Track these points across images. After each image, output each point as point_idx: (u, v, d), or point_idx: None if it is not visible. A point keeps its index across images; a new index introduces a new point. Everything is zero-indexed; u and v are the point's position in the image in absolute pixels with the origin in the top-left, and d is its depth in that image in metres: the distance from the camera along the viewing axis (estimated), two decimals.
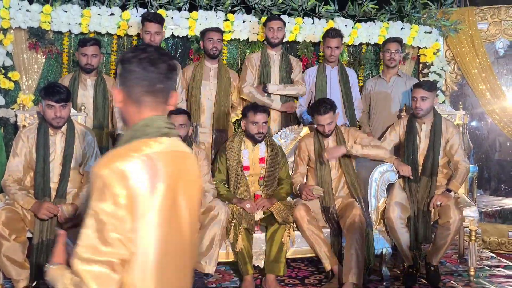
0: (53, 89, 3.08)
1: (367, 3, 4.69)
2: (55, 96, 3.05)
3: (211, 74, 4.07)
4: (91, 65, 3.78)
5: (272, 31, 4.11)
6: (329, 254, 3.33)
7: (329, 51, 4.16)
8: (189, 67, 4.16)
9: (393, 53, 4.23)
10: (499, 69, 4.97)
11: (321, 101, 3.58)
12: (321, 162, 3.55)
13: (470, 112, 5.02)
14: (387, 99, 4.27)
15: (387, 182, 3.57)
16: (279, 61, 4.20)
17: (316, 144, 3.61)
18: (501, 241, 4.68)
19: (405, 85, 4.26)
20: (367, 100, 4.41)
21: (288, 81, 4.20)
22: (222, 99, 4.04)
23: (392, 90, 4.28)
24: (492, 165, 5.53)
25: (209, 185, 3.41)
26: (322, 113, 3.48)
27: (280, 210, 3.34)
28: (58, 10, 4.08)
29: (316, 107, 3.52)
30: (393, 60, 4.24)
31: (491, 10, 4.90)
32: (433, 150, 3.59)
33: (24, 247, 3.01)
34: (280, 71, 4.18)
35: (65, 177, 3.16)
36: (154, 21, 3.83)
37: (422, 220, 3.46)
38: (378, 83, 4.35)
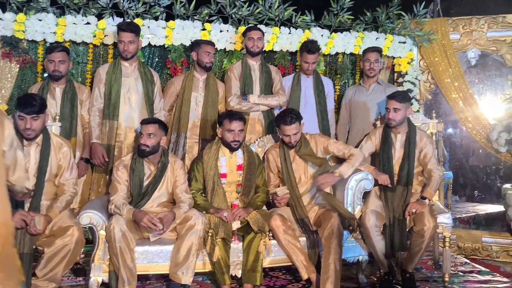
0: (26, 101, 3.06)
1: (343, 13, 4.77)
2: (26, 108, 3.03)
3: (200, 85, 4.08)
4: (59, 72, 3.73)
5: (252, 40, 4.13)
6: (305, 263, 3.34)
7: (306, 66, 4.21)
8: (179, 78, 4.14)
9: (372, 63, 4.29)
10: (471, 78, 5.09)
11: (287, 111, 3.59)
12: (289, 174, 3.58)
13: (444, 120, 5.12)
14: (366, 107, 4.32)
15: (363, 190, 3.61)
16: (259, 71, 4.22)
17: (282, 156, 3.63)
18: (475, 246, 4.78)
19: (384, 93, 4.27)
20: (347, 109, 4.44)
21: (269, 90, 4.22)
22: (210, 110, 4.04)
23: (372, 98, 4.32)
24: (467, 172, 5.64)
25: (185, 194, 3.40)
26: (289, 123, 3.49)
27: (256, 219, 3.34)
28: (33, 18, 4.03)
29: (282, 118, 3.53)
30: (373, 70, 4.29)
31: (462, 21, 5.02)
32: (408, 159, 3.65)
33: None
34: (260, 81, 4.20)
35: (39, 190, 3.12)
36: (127, 30, 3.83)
37: (398, 228, 3.50)
38: (358, 90, 4.40)
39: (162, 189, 3.39)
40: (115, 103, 3.84)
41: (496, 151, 4.68)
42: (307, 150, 3.59)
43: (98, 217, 3.12)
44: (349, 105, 4.42)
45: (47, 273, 2.97)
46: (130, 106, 3.90)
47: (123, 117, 3.88)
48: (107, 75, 3.87)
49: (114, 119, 3.84)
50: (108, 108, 3.84)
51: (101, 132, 3.85)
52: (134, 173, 3.31)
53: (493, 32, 4.94)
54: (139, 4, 4.33)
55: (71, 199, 3.25)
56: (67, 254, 3.00)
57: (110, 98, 3.84)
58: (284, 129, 3.53)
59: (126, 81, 3.89)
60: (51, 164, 3.20)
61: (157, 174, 3.36)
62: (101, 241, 3.13)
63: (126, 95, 3.89)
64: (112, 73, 3.87)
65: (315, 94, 4.26)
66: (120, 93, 3.86)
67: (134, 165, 3.33)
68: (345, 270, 3.74)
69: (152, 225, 3.08)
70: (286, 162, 3.60)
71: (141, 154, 3.34)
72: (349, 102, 4.41)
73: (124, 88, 3.88)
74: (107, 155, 3.84)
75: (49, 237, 3.04)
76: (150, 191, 3.33)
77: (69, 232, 3.02)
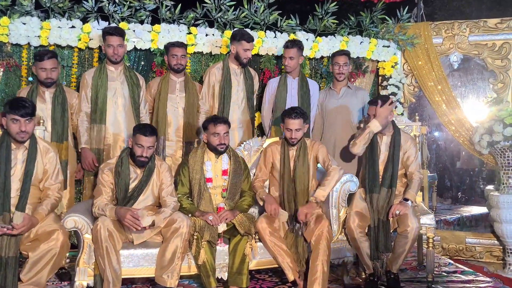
0: (18, 104, 3.05)
1: (327, 18, 4.83)
2: (20, 110, 3.02)
3: (177, 87, 4.08)
4: (52, 79, 3.71)
5: (247, 51, 4.11)
6: (291, 265, 3.36)
7: (286, 61, 4.24)
8: (155, 80, 4.17)
9: (341, 66, 4.28)
10: (454, 82, 5.18)
11: (294, 107, 3.71)
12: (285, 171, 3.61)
13: (428, 123, 5.21)
14: (338, 110, 4.32)
15: (347, 192, 3.64)
16: (242, 75, 4.23)
17: (282, 154, 3.66)
18: (459, 247, 4.84)
19: (355, 97, 4.32)
20: (320, 113, 4.43)
21: (250, 95, 4.25)
22: (191, 113, 4.07)
23: (343, 101, 4.32)
24: (451, 174, 5.72)
25: (170, 198, 3.40)
26: (293, 117, 3.57)
27: (242, 222, 3.35)
28: (17, 22, 4.02)
29: (288, 112, 3.63)
30: (342, 74, 4.29)
31: (445, 25, 5.11)
32: (393, 161, 3.68)
33: None
34: (243, 85, 4.22)
35: (25, 193, 3.10)
36: (115, 34, 3.83)
37: (382, 230, 3.53)
38: (329, 94, 4.41)
39: (147, 193, 3.39)
40: (102, 108, 3.84)
41: (479, 153, 4.76)
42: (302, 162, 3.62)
43: (83, 220, 3.11)
44: (320, 109, 4.43)
45: (31, 277, 2.95)
46: (116, 110, 3.89)
47: (110, 121, 3.88)
48: (93, 79, 3.86)
49: (101, 123, 3.84)
50: (95, 112, 3.84)
51: (89, 137, 3.85)
52: (120, 176, 3.30)
53: (475, 36, 5.03)
54: (125, 8, 4.34)
55: (56, 203, 3.23)
56: (52, 258, 2.98)
57: (97, 102, 3.84)
58: (288, 122, 3.58)
59: (112, 85, 3.89)
60: (37, 168, 3.18)
61: (143, 178, 3.36)
62: (86, 245, 3.12)
63: (112, 99, 3.89)
64: (98, 78, 3.86)
65: (299, 95, 4.29)
66: (107, 97, 3.86)
67: (120, 168, 3.32)
68: (330, 271, 3.76)
69: (135, 222, 3.07)
70: (285, 160, 3.63)
71: (140, 164, 3.34)
72: (321, 105, 4.42)
73: (111, 92, 3.88)
74: (97, 159, 3.84)
75: (33, 241, 3.02)
76: (135, 195, 3.32)
77: (54, 236, 3.00)
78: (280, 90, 4.28)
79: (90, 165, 3.81)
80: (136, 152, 3.30)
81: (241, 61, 4.15)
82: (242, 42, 4.08)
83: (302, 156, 3.63)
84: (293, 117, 3.57)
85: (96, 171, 3.80)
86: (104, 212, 3.16)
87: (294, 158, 3.65)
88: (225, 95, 4.12)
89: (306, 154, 3.65)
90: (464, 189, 5.79)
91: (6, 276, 2.91)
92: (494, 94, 4.92)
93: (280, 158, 3.67)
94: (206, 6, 4.55)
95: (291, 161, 3.66)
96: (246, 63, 4.17)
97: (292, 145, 3.64)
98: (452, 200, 6.11)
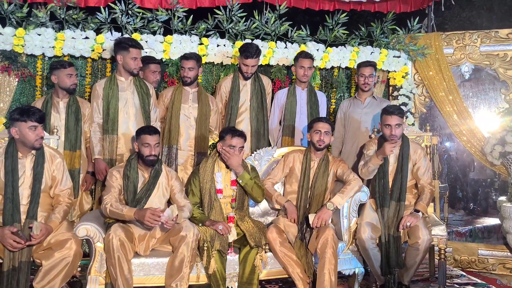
0: (31, 111, 3.09)
1: (338, 28, 4.85)
2: (36, 117, 3.06)
3: (190, 97, 4.12)
4: (76, 85, 3.89)
5: (246, 67, 4.16)
6: (302, 275, 3.35)
7: (302, 71, 4.26)
8: (168, 90, 4.21)
9: (367, 78, 4.31)
10: (465, 92, 5.15)
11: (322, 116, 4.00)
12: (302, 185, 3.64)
13: (439, 133, 5.18)
14: (361, 120, 4.34)
15: (358, 202, 3.63)
16: (251, 85, 4.26)
17: (304, 163, 3.69)
18: (472, 259, 4.79)
19: (379, 108, 4.29)
20: (342, 122, 4.44)
21: (260, 103, 4.26)
22: (203, 123, 4.10)
23: (367, 112, 4.35)
24: (463, 184, 5.67)
25: (184, 200, 3.45)
26: (324, 121, 3.69)
27: (253, 234, 3.35)
28: (32, 33, 4.09)
29: (318, 118, 3.82)
30: (367, 84, 4.32)
31: (456, 36, 5.10)
32: (401, 173, 3.65)
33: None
34: (252, 94, 4.25)
35: (35, 198, 3.12)
36: (138, 46, 3.90)
37: (393, 246, 3.48)
38: (353, 103, 4.42)
39: (155, 197, 3.41)
40: (113, 118, 3.87)
41: (491, 164, 4.72)
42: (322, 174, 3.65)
43: (95, 229, 3.13)
44: (343, 118, 4.44)
45: (44, 285, 2.96)
46: (128, 120, 3.92)
47: (122, 131, 3.91)
48: (104, 90, 3.89)
49: (113, 133, 3.87)
50: (107, 123, 3.87)
51: (102, 147, 3.88)
52: (129, 179, 3.34)
53: (486, 46, 5.02)
54: (138, 19, 4.40)
55: (68, 209, 3.26)
56: (65, 267, 3.00)
57: (109, 113, 3.87)
58: (317, 125, 3.64)
59: (123, 95, 3.92)
60: (45, 175, 3.21)
61: (150, 180, 3.39)
62: (98, 254, 3.14)
63: (124, 109, 3.92)
64: (109, 88, 3.89)
65: (308, 106, 4.31)
66: (118, 107, 3.89)
67: (129, 171, 3.35)
68: (341, 282, 3.75)
69: (155, 219, 3.10)
70: (306, 170, 3.66)
71: (150, 164, 3.37)
72: (344, 114, 4.43)
73: (122, 102, 3.91)
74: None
75: (47, 250, 3.04)
76: (144, 197, 3.35)
77: (67, 245, 3.02)
78: (290, 101, 4.31)
79: (104, 175, 3.82)
80: (144, 152, 3.33)
81: (243, 74, 4.20)
82: (242, 57, 4.14)
83: (323, 168, 3.66)
84: (323, 121, 3.68)
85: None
86: (120, 211, 3.17)
87: (315, 169, 3.66)
88: (232, 106, 4.17)
89: (328, 168, 3.67)
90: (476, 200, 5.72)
91: (19, 281, 2.94)
92: (506, 104, 4.89)
93: (301, 167, 3.69)
94: (218, 17, 4.59)
95: (311, 171, 3.66)
96: (247, 77, 4.20)
97: (319, 150, 3.65)
98: (464, 211, 6.04)
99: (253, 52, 4.12)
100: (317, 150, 3.68)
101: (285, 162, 3.79)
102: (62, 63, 3.82)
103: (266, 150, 4.03)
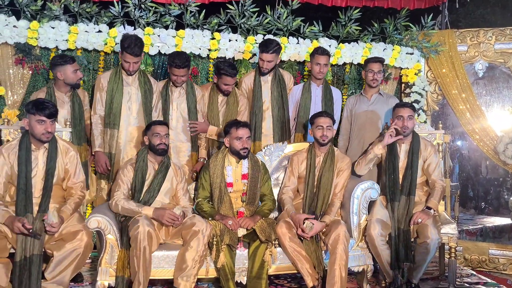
0: (43, 105, 3.10)
1: (351, 24, 4.82)
2: (46, 112, 3.08)
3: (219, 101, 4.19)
4: (81, 79, 3.92)
5: (262, 62, 4.15)
6: (311, 270, 3.35)
7: (318, 68, 4.24)
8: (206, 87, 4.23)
9: (375, 74, 4.27)
10: (478, 90, 5.10)
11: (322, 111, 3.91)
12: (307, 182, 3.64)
13: (451, 132, 5.13)
14: (368, 116, 4.30)
15: (368, 199, 3.61)
16: (271, 81, 4.25)
17: (308, 159, 3.68)
18: (482, 258, 4.75)
19: (386, 104, 4.29)
20: (349, 119, 4.41)
21: (281, 99, 4.26)
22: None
23: (374, 108, 4.31)
24: (474, 183, 5.62)
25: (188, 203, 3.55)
26: (324, 115, 3.68)
27: (263, 229, 3.35)
28: (46, 26, 4.12)
29: (317, 113, 3.76)
30: (375, 80, 4.28)
31: (470, 33, 5.04)
32: (411, 169, 3.65)
33: (8, 269, 2.95)
34: (272, 90, 4.24)
35: (47, 191, 3.15)
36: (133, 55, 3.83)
37: (403, 240, 3.48)
38: (360, 100, 4.39)
39: (165, 189, 3.46)
40: (116, 112, 3.86)
41: (504, 163, 4.68)
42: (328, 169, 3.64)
43: (106, 221, 3.16)
44: (350, 115, 4.41)
45: (55, 276, 3.00)
46: (130, 116, 3.91)
47: (123, 125, 3.90)
48: (109, 84, 3.87)
49: (114, 127, 3.87)
50: (109, 117, 3.86)
51: (103, 140, 3.88)
52: (139, 170, 3.41)
53: (500, 44, 4.95)
54: (150, 13, 4.42)
55: (80, 201, 3.29)
56: (76, 258, 3.03)
57: (112, 107, 3.86)
58: (318, 121, 3.64)
59: (127, 90, 3.91)
60: (58, 168, 3.24)
61: (159, 169, 3.45)
62: (108, 245, 3.16)
63: (127, 104, 3.91)
64: (114, 82, 3.87)
65: (322, 102, 4.29)
66: (121, 102, 3.88)
67: (140, 163, 3.43)
68: (350, 279, 3.74)
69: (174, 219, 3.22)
70: (311, 166, 3.66)
71: (161, 153, 3.46)
72: (350, 111, 4.40)
73: (125, 97, 3.90)
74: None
75: (58, 241, 3.07)
76: (156, 188, 3.40)
77: (78, 236, 3.05)
78: (304, 97, 4.29)
79: (103, 168, 3.85)
80: (155, 142, 3.42)
81: (260, 69, 4.20)
82: (259, 51, 4.16)
83: (329, 162, 3.65)
84: (324, 115, 3.66)
85: (108, 174, 3.89)
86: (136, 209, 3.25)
87: (320, 164, 3.66)
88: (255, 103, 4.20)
89: (333, 161, 3.66)
90: (487, 199, 5.67)
91: (31, 274, 2.97)
92: None
93: (306, 164, 3.68)
94: (230, 12, 4.59)
95: (317, 167, 3.66)
96: (264, 72, 4.18)
97: (323, 145, 3.64)
98: (475, 210, 6.00)
99: (270, 47, 4.10)
100: (321, 145, 3.67)
101: (292, 165, 3.78)
102: (66, 59, 3.78)
103: (277, 146, 4.03)
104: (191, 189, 3.75)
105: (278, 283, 3.80)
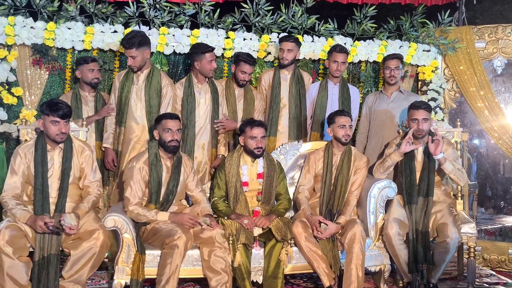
0: (56, 106, 3.12)
1: (366, 22, 4.77)
2: (60, 112, 3.10)
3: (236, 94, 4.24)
4: (98, 79, 4.05)
5: (282, 52, 4.18)
6: (327, 270, 3.32)
7: (336, 66, 4.21)
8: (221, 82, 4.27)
9: (393, 70, 4.24)
10: (497, 87, 5.01)
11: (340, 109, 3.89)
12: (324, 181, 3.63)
13: (469, 130, 5.05)
14: (387, 114, 4.26)
15: (385, 198, 3.57)
16: (290, 80, 4.25)
17: (326, 158, 3.67)
18: (501, 258, 4.67)
19: (406, 102, 4.20)
20: (368, 117, 4.38)
21: (299, 98, 4.25)
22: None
23: (394, 106, 4.26)
24: (493, 182, 5.53)
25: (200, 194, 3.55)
26: (345, 114, 3.65)
27: (279, 228, 3.34)
28: (62, 27, 4.16)
29: (337, 111, 3.75)
30: (393, 77, 4.24)
31: (488, 29, 4.96)
32: (428, 170, 3.59)
33: (28, 267, 2.97)
34: (291, 89, 4.24)
35: (63, 192, 3.17)
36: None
37: (421, 242, 3.43)
38: (380, 98, 4.35)
39: (181, 186, 3.45)
40: (123, 110, 3.91)
41: None
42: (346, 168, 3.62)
43: (123, 220, 3.18)
44: (369, 114, 4.36)
45: (72, 274, 3.03)
46: (136, 114, 3.93)
47: (130, 124, 3.93)
48: (120, 82, 3.93)
49: (121, 125, 3.92)
50: (118, 114, 3.94)
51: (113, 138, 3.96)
52: (155, 169, 3.35)
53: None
54: (165, 13, 4.43)
55: (96, 200, 3.30)
56: (92, 257, 3.05)
57: (120, 105, 3.92)
58: (340, 120, 3.61)
59: (135, 88, 3.93)
60: (74, 167, 3.26)
61: (173, 170, 3.41)
62: (125, 244, 3.18)
63: (134, 102, 3.93)
64: (125, 81, 3.92)
65: (339, 101, 4.26)
66: (129, 100, 3.91)
67: (154, 161, 3.36)
68: (367, 279, 3.71)
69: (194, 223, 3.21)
70: (328, 165, 3.64)
71: (172, 151, 3.38)
72: (369, 109, 4.36)
73: (133, 96, 3.93)
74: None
75: (75, 240, 3.10)
76: (174, 188, 3.39)
77: (95, 235, 3.07)
78: (321, 95, 4.27)
79: (111, 164, 3.93)
80: (166, 138, 3.33)
81: (280, 62, 4.21)
82: (281, 42, 4.20)
83: (346, 160, 3.63)
84: (346, 114, 3.64)
85: (115, 171, 3.94)
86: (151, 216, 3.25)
87: (337, 163, 3.63)
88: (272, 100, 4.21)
89: (350, 160, 3.64)
90: (506, 198, 5.57)
91: (49, 273, 3.00)
92: None
93: (323, 163, 3.66)
94: (244, 11, 4.58)
95: (334, 166, 3.64)
96: (284, 64, 4.18)
97: (344, 144, 3.62)
98: (494, 210, 5.90)
99: (290, 36, 4.20)
100: (343, 144, 3.64)
101: (309, 164, 3.75)
102: (85, 59, 4.00)
103: (292, 144, 4.01)
104: (207, 188, 3.75)
105: (294, 283, 3.78)
